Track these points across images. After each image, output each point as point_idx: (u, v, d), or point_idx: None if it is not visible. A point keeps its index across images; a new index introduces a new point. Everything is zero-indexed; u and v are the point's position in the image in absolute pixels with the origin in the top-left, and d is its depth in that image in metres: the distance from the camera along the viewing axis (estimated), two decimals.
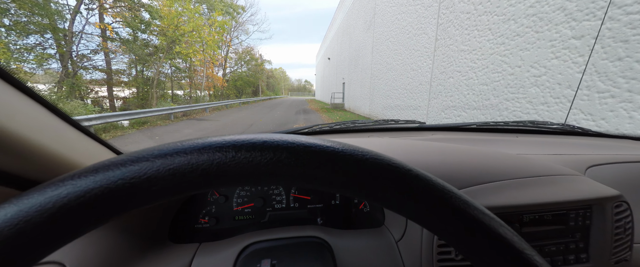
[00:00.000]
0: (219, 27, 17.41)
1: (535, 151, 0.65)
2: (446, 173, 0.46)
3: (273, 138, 0.18)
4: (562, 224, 0.44)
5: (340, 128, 0.85)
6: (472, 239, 0.17)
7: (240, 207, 0.60)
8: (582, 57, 2.64)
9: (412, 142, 0.60)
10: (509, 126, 0.87)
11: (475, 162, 0.50)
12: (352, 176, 0.17)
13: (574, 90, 2.72)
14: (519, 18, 3.34)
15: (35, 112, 0.37)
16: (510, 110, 3.52)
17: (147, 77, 12.59)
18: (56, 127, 0.40)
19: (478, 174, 0.46)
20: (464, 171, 0.46)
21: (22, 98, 0.36)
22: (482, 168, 0.48)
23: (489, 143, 0.72)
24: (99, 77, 10.96)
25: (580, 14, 2.64)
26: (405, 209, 0.18)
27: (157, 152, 0.16)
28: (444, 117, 5.05)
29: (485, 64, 3.94)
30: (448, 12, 4.86)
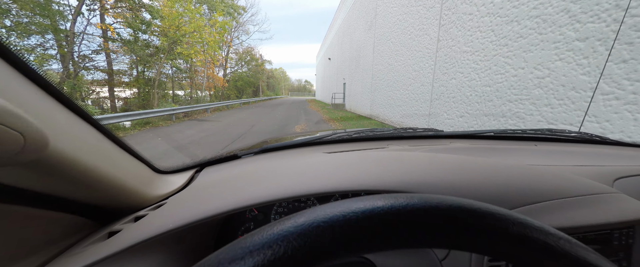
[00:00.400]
0: (219, 27, 17.39)
1: (558, 162, 0.64)
2: (496, 195, 0.44)
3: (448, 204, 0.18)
4: (605, 244, 0.44)
5: (359, 136, 0.85)
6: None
7: None
8: (586, 59, 2.65)
9: (447, 157, 0.60)
10: (527, 134, 0.87)
11: (519, 180, 0.48)
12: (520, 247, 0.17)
13: (578, 92, 2.73)
14: (523, 20, 3.34)
15: (95, 139, 0.40)
16: (513, 111, 3.53)
17: (149, 77, 12.60)
18: (110, 151, 0.43)
19: (524, 195, 0.45)
20: (511, 192, 0.45)
21: (85, 126, 0.39)
22: (526, 187, 0.46)
23: (509, 153, 0.72)
24: (100, 77, 10.98)
25: (585, 16, 2.65)
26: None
27: None
28: (447, 118, 5.05)
29: (488, 66, 3.94)
30: (450, 13, 4.87)
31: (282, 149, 0.80)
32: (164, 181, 0.58)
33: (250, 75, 30.09)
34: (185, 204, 0.47)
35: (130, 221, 0.46)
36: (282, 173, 0.54)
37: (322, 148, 0.78)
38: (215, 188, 0.52)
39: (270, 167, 0.61)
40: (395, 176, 0.48)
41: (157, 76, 12.21)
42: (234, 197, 0.43)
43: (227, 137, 5.79)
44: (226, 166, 0.70)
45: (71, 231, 0.42)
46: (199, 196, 0.50)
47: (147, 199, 0.50)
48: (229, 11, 21.23)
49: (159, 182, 0.56)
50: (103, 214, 0.47)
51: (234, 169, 0.65)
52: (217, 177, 0.62)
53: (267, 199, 0.42)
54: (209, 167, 0.72)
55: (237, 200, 0.42)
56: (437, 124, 5.40)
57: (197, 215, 0.39)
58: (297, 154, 0.73)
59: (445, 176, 0.48)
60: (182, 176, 0.65)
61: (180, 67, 15.15)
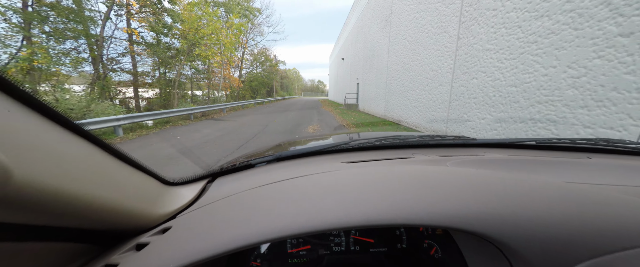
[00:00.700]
0: (236, 29, 17.87)
1: (622, 181, 0.52)
2: (575, 236, 0.33)
3: None
4: None
5: (381, 144, 0.79)
6: None
7: (295, 250, 0.55)
8: (630, 57, 2.39)
9: (489, 176, 0.49)
10: (576, 144, 0.76)
11: (593, 212, 0.37)
12: None
13: (621, 94, 2.47)
14: (554, 14, 3.09)
15: (85, 156, 0.34)
16: (543, 113, 3.27)
17: (169, 78, 13.20)
18: (105, 168, 0.38)
19: (610, 236, 0.33)
20: (594, 232, 0.34)
21: (72, 141, 0.33)
22: (613, 223, 0.34)
23: (557, 167, 0.61)
24: (125, 79, 11.68)
25: (629, 8, 2.39)
26: None
27: None
28: (467, 120, 4.80)
29: (515, 64, 3.69)
30: (472, 10, 4.62)
31: (297, 157, 0.75)
32: (172, 195, 0.54)
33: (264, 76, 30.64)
34: (192, 231, 0.41)
35: (131, 249, 0.41)
36: (299, 194, 0.47)
37: (340, 156, 0.72)
38: (225, 211, 0.46)
39: (287, 182, 0.54)
40: (435, 204, 0.40)
41: (177, 77, 12.75)
42: (246, 230, 0.38)
43: (241, 136, 5.91)
44: (240, 176, 0.65)
45: (66, 260, 0.38)
46: (207, 220, 0.44)
47: (154, 217, 0.46)
48: (244, 13, 21.75)
49: (168, 197, 0.52)
50: (105, 237, 0.43)
51: (248, 181, 0.60)
52: (230, 190, 0.57)
53: (286, 233, 0.36)
54: (222, 177, 0.68)
55: (250, 233, 0.36)
56: (456, 125, 5.15)
57: (205, 251, 0.34)
58: (314, 164, 0.68)
59: (495, 206, 0.38)
60: (193, 187, 0.61)
61: (199, 68, 15.74)
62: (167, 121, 8.52)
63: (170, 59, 12.57)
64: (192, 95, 16.17)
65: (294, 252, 0.55)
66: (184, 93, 14.82)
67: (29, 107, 0.27)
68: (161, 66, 12.78)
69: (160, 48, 11.93)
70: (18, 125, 0.26)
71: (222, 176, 0.69)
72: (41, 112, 0.29)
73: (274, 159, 0.72)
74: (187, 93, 15.71)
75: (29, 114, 0.27)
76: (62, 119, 0.31)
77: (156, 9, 11.45)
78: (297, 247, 0.55)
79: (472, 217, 0.37)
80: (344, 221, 0.37)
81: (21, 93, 0.26)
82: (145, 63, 12.61)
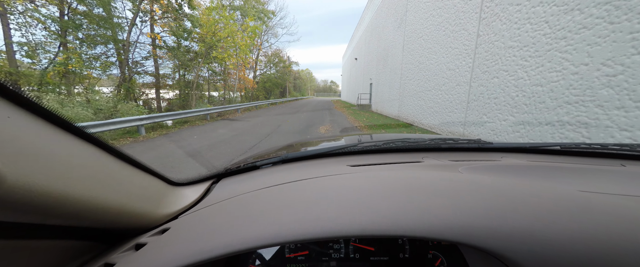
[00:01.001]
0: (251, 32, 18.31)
1: None
2: (599, 258, 0.29)
3: None
4: None
5: (389, 147, 0.76)
6: None
7: (293, 255, 0.54)
8: None
9: (504, 184, 0.45)
10: (608, 150, 0.67)
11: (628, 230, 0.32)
12: None
13: None
14: (587, 8, 2.85)
15: (85, 158, 0.35)
16: (573, 115, 3.03)
17: (188, 80, 13.80)
18: (106, 170, 0.39)
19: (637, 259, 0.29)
20: (620, 253, 0.29)
21: (71, 143, 0.34)
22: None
23: (583, 175, 0.54)
24: (148, 81, 12.37)
25: None
26: None
27: None
28: (487, 121, 4.56)
29: (540, 62, 3.45)
30: (493, 5, 4.39)
31: (302, 159, 0.74)
32: (177, 195, 0.55)
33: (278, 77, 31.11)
34: (191, 232, 0.41)
35: (130, 248, 0.42)
36: (301, 199, 0.46)
37: (346, 159, 0.71)
38: (226, 213, 0.46)
39: (289, 186, 0.53)
40: (442, 215, 0.37)
41: (195, 79, 13.30)
42: (243, 234, 0.37)
43: (254, 136, 6.03)
44: (244, 178, 0.66)
45: (70, 257, 0.39)
46: (206, 222, 0.44)
47: (157, 217, 0.46)
48: (259, 16, 22.24)
49: (172, 196, 0.53)
50: (108, 235, 0.44)
51: (252, 182, 0.60)
52: (233, 191, 0.57)
53: (284, 240, 0.36)
54: (227, 178, 0.69)
55: (247, 238, 0.36)
56: (475, 128, 4.91)
57: (200, 254, 0.34)
58: (319, 166, 0.67)
59: (509, 221, 0.35)
60: (197, 188, 0.62)
61: (215, 70, 16.31)
62: (186, 121, 8.90)
63: (189, 62, 13.14)
64: (209, 96, 16.79)
65: (292, 257, 0.54)
66: (201, 94, 15.43)
67: (31, 113, 0.28)
68: (181, 68, 13.39)
69: (180, 51, 12.51)
70: (18, 131, 0.26)
71: (227, 177, 0.70)
72: (44, 117, 0.29)
73: (280, 161, 0.72)
74: (205, 94, 16.34)
75: (30, 119, 0.28)
76: (64, 123, 0.32)
77: (177, 14, 12.03)
78: (295, 252, 0.54)
79: (481, 232, 0.34)
80: (343, 230, 0.36)
81: (22, 99, 0.27)
82: (167, 66, 13.29)
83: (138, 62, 11.44)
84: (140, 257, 0.37)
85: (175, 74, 13.64)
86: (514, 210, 0.37)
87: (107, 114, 7.37)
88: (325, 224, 0.37)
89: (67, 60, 7.96)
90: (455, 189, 0.44)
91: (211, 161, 3.90)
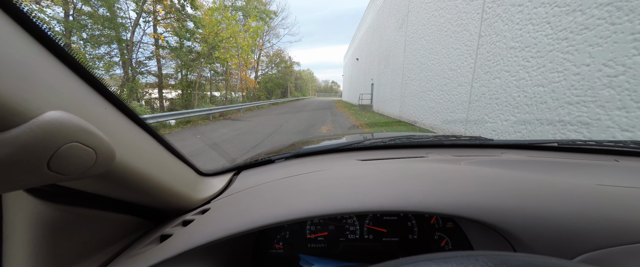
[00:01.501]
0: (253, 32, 18.39)
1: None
2: (584, 229, 0.35)
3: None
4: None
5: (394, 143, 0.80)
6: None
7: (313, 235, 0.59)
8: None
9: (500, 174, 0.50)
10: (604, 146, 0.70)
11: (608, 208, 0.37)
12: None
13: None
14: (588, 9, 2.87)
15: (150, 146, 0.42)
16: (574, 115, 3.05)
17: (190, 80, 13.88)
18: (163, 157, 0.45)
19: (619, 229, 0.34)
20: (603, 225, 0.35)
21: (142, 134, 0.40)
22: (625, 218, 0.35)
23: (580, 169, 0.58)
24: (151, 81, 12.46)
25: None
26: None
27: None
28: (489, 122, 4.58)
29: (542, 63, 3.47)
30: (495, 6, 4.41)
31: (314, 154, 0.78)
32: (206, 184, 0.60)
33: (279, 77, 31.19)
34: (229, 211, 0.48)
35: (179, 224, 0.48)
36: (319, 184, 0.52)
37: (355, 154, 0.75)
38: (255, 196, 0.52)
39: (306, 176, 0.59)
40: (445, 195, 0.42)
41: (197, 79, 13.38)
42: (275, 210, 0.43)
43: (256, 136, 6.08)
44: (261, 170, 0.71)
45: (127, 231, 0.46)
46: (240, 203, 0.51)
47: (193, 201, 0.53)
48: (261, 16, 22.32)
49: (202, 185, 0.59)
50: (154, 214, 0.51)
51: (270, 174, 0.65)
52: (254, 181, 0.62)
53: (310, 214, 0.41)
54: (246, 170, 0.74)
55: (278, 213, 0.42)
56: (477, 128, 4.93)
57: (242, 225, 0.40)
58: (329, 161, 0.71)
59: (505, 200, 0.40)
60: (222, 178, 0.67)
61: (217, 70, 16.40)
62: (188, 121, 8.96)
63: (192, 62, 13.22)
64: (211, 96, 16.88)
65: (313, 238, 0.58)
66: (203, 94, 15.52)
67: (114, 106, 0.35)
68: (183, 69, 13.48)
69: (183, 51, 12.59)
70: (110, 119, 0.33)
71: (246, 170, 0.75)
72: (121, 110, 0.37)
73: (292, 156, 0.76)
74: (207, 94, 16.43)
75: (115, 111, 0.35)
76: (133, 115, 0.39)
77: (180, 15, 12.12)
78: (315, 233, 0.58)
79: (480, 208, 0.39)
80: (361, 206, 0.41)
81: (109, 93, 0.34)
82: (169, 66, 13.39)
83: (141, 62, 11.54)
84: (192, 229, 0.44)
85: (178, 74, 13.73)
86: (510, 193, 0.42)
87: None
88: (345, 201, 0.43)
89: None
90: (457, 177, 0.49)
91: (216, 159, 3.95)
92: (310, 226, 0.59)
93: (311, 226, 0.59)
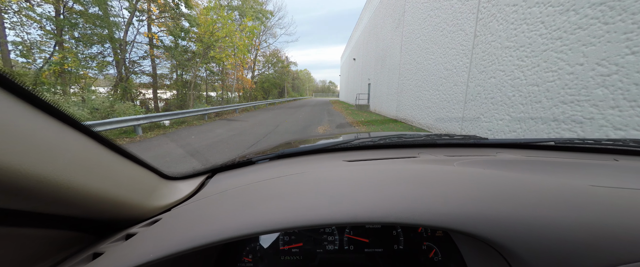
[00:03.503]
0: (249, 31, 18.27)
1: None
2: (584, 243, 0.30)
3: None
4: None
5: (384, 143, 0.76)
6: None
7: (287, 247, 0.54)
8: None
9: (495, 175, 0.46)
10: (602, 145, 0.68)
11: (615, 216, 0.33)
12: None
13: None
14: (582, 8, 2.89)
15: (80, 150, 0.35)
16: (568, 114, 3.06)
17: (186, 80, 13.73)
18: (100, 161, 0.39)
19: (625, 245, 0.29)
20: (606, 239, 0.30)
21: (68, 135, 0.34)
22: (633, 231, 0.31)
23: (579, 169, 0.54)
24: (146, 81, 12.29)
25: None
26: None
27: None
28: (484, 121, 4.60)
29: (536, 62, 3.49)
30: (490, 6, 4.43)
31: (299, 154, 0.74)
32: (170, 189, 0.54)
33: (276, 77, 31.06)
34: (182, 222, 0.41)
35: (120, 239, 0.42)
36: (295, 189, 0.46)
37: (342, 155, 0.70)
38: (221, 203, 0.45)
39: (284, 179, 0.53)
40: (433, 203, 0.37)
41: (193, 79, 13.24)
42: (238, 221, 0.37)
43: (252, 136, 6.02)
44: (239, 173, 0.65)
45: (58, 247, 0.38)
46: (200, 211, 0.44)
47: (148, 210, 0.46)
48: (257, 16, 22.19)
49: (165, 190, 0.52)
50: (102, 226, 0.44)
51: (246, 177, 0.60)
52: (227, 185, 0.56)
53: (278, 226, 0.35)
54: (221, 173, 0.68)
55: (242, 225, 0.36)
56: (472, 127, 4.95)
57: (191, 241, 0.34)
58: (314, 162, 0.66)
59: (501, 209, 0.35)
60: (191, 182, 0.61)
61: (213, 70, 16.25)
62: (183, 121, 8.85)
63: (187, 62, 13.07)
64: (206, 96, 16.71)
65: (286, 249, 0.54)
66: (199, 94, 15.36)
67: (27, 103, 0.29)
68: (178, 68, 13.32)
69: (178, 51, 12.44)
70: (11, 118, 0.27)
71: (222, 172, 0.69)
72: (38, 106, 0.30)
73: (275, 157, 0.72)
74: (202, 94, 16.26)
75: (25, 108, 0.29)
76: (59, 114, 0.32)
77: (175, 14, 11.97)
78: (289, 244, 0.54)
79: (471, 219, 0.35)
80: (336, 217, 0.36)
81: (17, 87, 0.28)
82: (164, 66, 13.22)
83: (135, 62, 11.36)
84: (128, 246, 0.37)
85: (173, 74, 13.56)
86: (506, 200, 0.37)
87: (103, 114, 7.31)
88: (319, 212, 0.37)
89: (62, 60, 7.88)
90: (448, 180, 0.44)
91: (209, 160, 3.89)
92: (283, 236, 0.54)
93: (285, 236, 0.54)
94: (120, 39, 10.15)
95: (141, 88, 12.22)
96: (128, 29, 10.44)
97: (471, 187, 0.41)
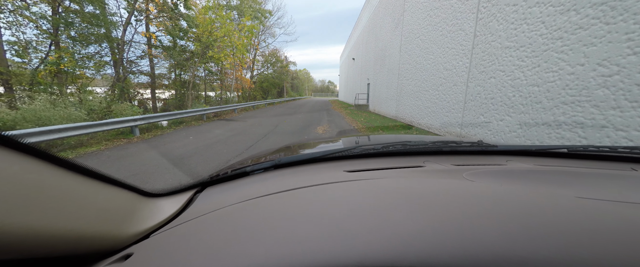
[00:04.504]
0: (248, 31, 18.19)
1: None
2: None
3: None
4: None
5: (389, 151, 0.72)
6: None
7: None
8: None
9: (517, 195, 0.38)
10: (618, 153, 0.64)
11: None
12: None
13: None
14: (583, 8, 2.86)
15: (35, 179, 0.29)
16: (569, 115, 3.04)
17: (184, 80, 13.66)
18: (55, 190, 0.31)
19: None
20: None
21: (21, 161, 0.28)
22: None
23: (594, 180, 0.51)
24: (143, 80, 12.21)
25: None
26: None
27: None
28: (483, 121, 4.58)
29: (537, 62, 3.47)
30: (490, 6, 4.40)
31: (297, 164, 0.69)
32: (151, 208, 0.48)
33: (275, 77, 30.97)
34: (159, 258, 0.34)
35: None
36: (287, 214, 0.39)
37: (343, 164, 0.66)
38: (207, 230, 0.38)
39: (281, 197, 0.46)
40: (456, 239, 0.29)
41: (191, 79, 13.16)
42: (229, 261, 0.30)
43: (251, 137, 5.97)
44: (232, 186, 0.60)
45: None
46: (183, 243, 0.36)
47: (122, 238, 0.38)
48: (256, 15, 22.11)
49: (145, 211, 0.46)
50: (65, 264, 0.36)
51: (239, 192, 0.53)
52: (217, 203, 0.49)
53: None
54: (212, 187, 0.62)
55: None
56: (473, 128, 4.93)
57: None
58: (313, 172, 0.61)
59: (539, 244, 0.27)
60: (178, 199, 0.55)
61: (212, 70, 16.17)
62: (182, 121, 8.79)
63: (185, 61, 13.00)
64: (205, 96, 16.64)
65: None
66: (197, 94, 15.28)
67: None
68: (177, 68, 13.24)
69: (176, 51, 12.36)
70: None
71: (212, 186, 0.64)
72: None
73: (271, 166, 0.68)
74: (201, 94, 16.19)
75: None
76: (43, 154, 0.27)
77: (173, 14, 11.89)
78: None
79: (494, 261, 0.26)
80: (338, 261, 0.28)
81: None
82: (162, 65, 13.14)
83: (133, 62, 11.28)
84: None
85: (171, 74, 13.49)
86: (528, 229, 0.30)
87: (100, 114, 7.24)
88: (317, 257, 0.30)
89: (59, 60, 7.80)
90: (462, 203, 0.37)
91: (207, 162, 3.85)
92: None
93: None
94: (118, 38, 10.06)
95: (139, 88, 12.13)
96: (126, 29, 10.36)
97: (489, 213, 0.34)
